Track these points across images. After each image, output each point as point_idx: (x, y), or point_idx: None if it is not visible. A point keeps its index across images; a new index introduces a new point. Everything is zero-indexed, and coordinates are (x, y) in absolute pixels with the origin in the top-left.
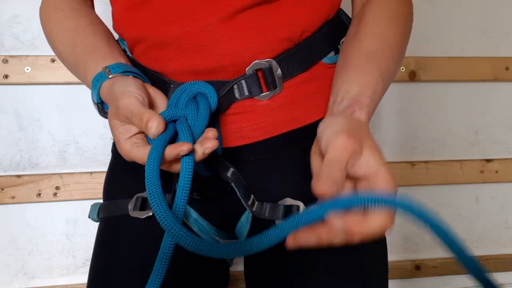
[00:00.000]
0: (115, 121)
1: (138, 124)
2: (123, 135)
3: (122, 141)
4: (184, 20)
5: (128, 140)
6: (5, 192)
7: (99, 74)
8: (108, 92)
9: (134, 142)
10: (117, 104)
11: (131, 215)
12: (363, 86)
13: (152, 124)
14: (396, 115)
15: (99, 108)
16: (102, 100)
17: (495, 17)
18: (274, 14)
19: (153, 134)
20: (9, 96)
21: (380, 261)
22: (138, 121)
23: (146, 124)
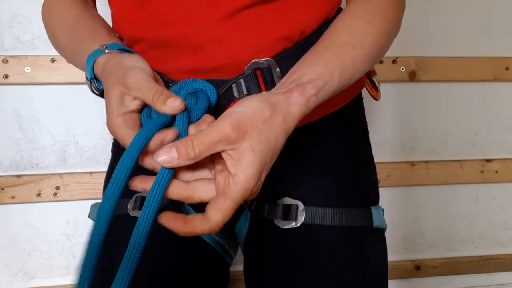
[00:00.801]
0: (115, 91)
1: (151, 96)
2: (118, 109)
3: (115, 114)
4: (183, 20)
5: (121, 116)
6: (5, 192)
7: (95, 50)
8: (104, 66)
9: (125, 120)
10: (128, 74)
11: (130, 215)
12: (317, 75)
13: (176, 100)
14: (396, 115)
15: (91, 84)
16: (95, 76)
17: (495, 17)
18: (273, 13)
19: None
20: (9, 96)
21: (380, 261)
22: (153, 93)
23: (166, 98)
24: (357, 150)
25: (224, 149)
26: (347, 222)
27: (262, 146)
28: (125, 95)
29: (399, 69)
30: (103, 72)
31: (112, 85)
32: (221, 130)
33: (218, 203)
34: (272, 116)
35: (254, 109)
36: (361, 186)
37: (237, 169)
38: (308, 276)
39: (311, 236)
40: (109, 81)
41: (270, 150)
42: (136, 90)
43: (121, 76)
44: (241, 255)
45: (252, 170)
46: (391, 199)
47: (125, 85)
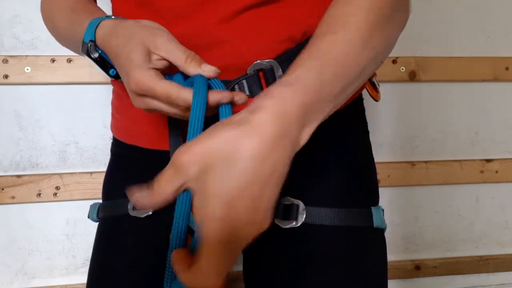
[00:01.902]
0: (142, 47)
1: (184, 59)
2: (146, 63)
3: (145, 67)
4: (185, 21)
5: (152, 70)
6: (5, 192)
7: (99, 16)
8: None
9: (158, 74)
10: (158, 34)
11: (130, 215)
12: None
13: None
14: (396, 115)
15: (89, 47)
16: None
17: (495, 17)
18: (275, 14)
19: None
20: (9, 96)
21: (380, 261)
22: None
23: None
24: (357, 150)
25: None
26: (347, 222)
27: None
28: (152, 54)
29: (399, 69)
30: (113, 33)
31: (138, 43)
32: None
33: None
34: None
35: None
36: (361, 186)
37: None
38: (308, 276)
39: (311, 236)
40: (131, 40)
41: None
42: (166, 51)
43: (150, 34)
44: (241, 255)
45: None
46: (391, 199)
47: (154, 44)
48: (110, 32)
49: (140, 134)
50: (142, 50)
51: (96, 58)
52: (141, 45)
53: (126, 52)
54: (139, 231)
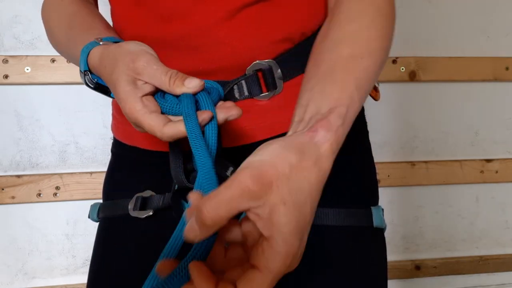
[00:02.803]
0: (125, 76)
1: (166, 80)
2: (133, 93)
3: (133, 99)
4: (183, 20)
5: (140, 101)
6: (5, 192)
7: (89, 42)
8: (102, 55)
9: (145, 104)
10: (138, 59)
11: (131, 215)
12: (335, 102)
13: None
14: (396, 115)
15: (85, 77)
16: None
17: (495, 17)
18: (274, 14)
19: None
20: (9, 96)
21: (379, 261)
22: (168, 77)
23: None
24: (357, 150)
25: (249, 207)
26: (347, 222)
27: (294, 196)
28: (137, 80)
29: (399, 69)
30: (101, 61)
31: (121, 71)
32: (240, 183)
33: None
34: (301, 160)
35: (276, 156)
36: (361, 186)
37: (271, 230)
38: (308, 276)
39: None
40: (115, 69)
41: (306, 201)
42: (148, 76)
43: (130, 60)
44: None
45: (289, 228)
46: (391, 199)
47: (135, 71)
48: (99, 61)
49: (140, 135)
50: (126, 80)
51: (93, 87)
52: (124, 74)
53: (113, 82)
54: (139, 232)
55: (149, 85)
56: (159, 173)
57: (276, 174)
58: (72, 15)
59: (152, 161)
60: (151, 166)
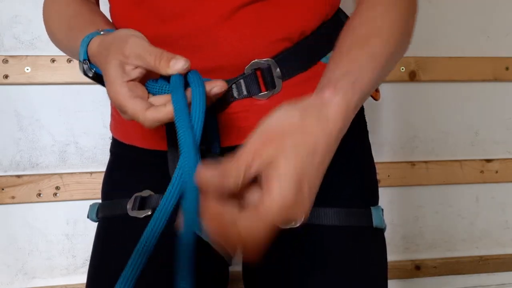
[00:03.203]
0: (114, 60)
1: (152, 61)
2: (120, 77)
3: (119, 83)
4: (182, 19)
5: (125, 84)
6: (5, 192)
7: (90, 33)
8: (100, 44)
9: (131, 88)
10: (125, 42)
11: (130, 215)
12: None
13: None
14: (396, 115)
15: (84, 65)
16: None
17: (495, 17)
18: (273, 14)
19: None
20: (9, 96)
21: (379, 261)
22: (155, 58)
23: (168, 61)
24: (357, 150)
25: (261, 168)
26: (346, 222)
27: (296, 149)
28: (125, 65)
29: (399, 69)
30: (98, 50)
31: (111, 56)
32: (251, 147)
33: (246, 218)
34: (303, 118)
35: (280, 116)
36: (361, 186)
37: (270, 181)
38: (308, 276)
39: (310, 236)
40: (108, 56)
41: (309, 154)
42: (135, 58)
43: (119, 46)
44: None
45: (286, 178)
46: (391, 199)
47: (123, 54)
48: (97, 50)
49: (138, 135)
50: (115, 64)
51: (91, 76)
52: (114, 59)
53: (105, 68)
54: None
55: (138, 70)
56: (158, 172)
57: (281, 132)
58: (73, 13)
59: (150, 160)
60: (150, 165)
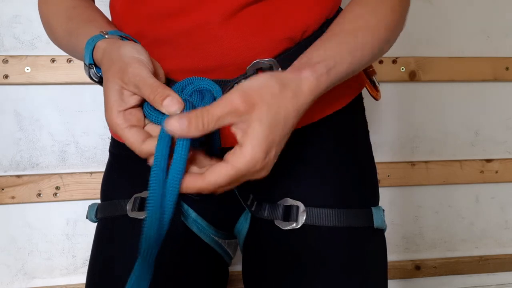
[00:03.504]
0: (113, 84)
1: (148, 95)
2: (117, 105)
3: (115, 112)
4: (183, 18)
5: (121, 114)
6: (5, 192)
7: (94, 35)
8: (104, 52)
9: (127, 118)
10: (125, 68)
11: (129, 216)
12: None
13: (172, 103)
14: (396, 115)
15: (90, 70)
16: (94, 62)
17: (495, 17)
18: (275, 13)
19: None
20: (9, 96)
21: (380, 262)
22: (150, 93)
23: (162, 100)
24: (357, 150)
25: (233, 122)
26: (347, 223)
27: (270, 118)
28: (124, 90)
29: (399, 69)
30: (103, 58)
31: (111, 77)
32: (230, 102)
33: (217, 166)
34: (282, 91)
35: (262, 83)
36: (361, 187)
37: (244, 139)
38: (308, 277)
39: (311, 237)
40: (109, 72)
41: (279, 125)
42: (133, 87)
43: (119, 69)
44: (241, 255)
45: (258, 141)
46: (391, 199)
47: (123, 81)
48: (101, 57)
49: None
50: (115, 89)
51: (97, 81)
52: (114, 83)
53: (104, 85)
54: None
55: (135, 97)
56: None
57: (260, 99)
58: (71, 7)
59: None
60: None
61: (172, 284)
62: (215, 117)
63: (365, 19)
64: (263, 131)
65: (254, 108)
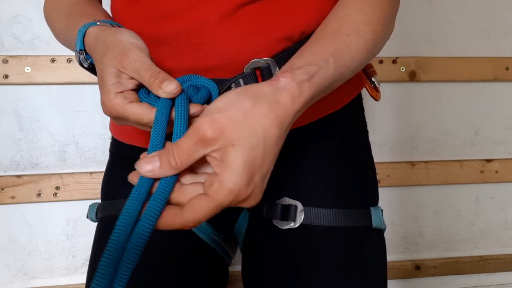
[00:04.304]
0: (112, 68)
1: (147, 79)
2: (115, 87)
3: (113, 94)
4: (182, 17)
5: (120, 95)
6: (5, 192)
7: (87, 23)
8: (97, 37)
9: (126, 97)
10: (125, 53)
11: None
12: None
13: (171, 83)
14: (396, 115)
15: (80, 56)
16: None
17: (495, 17)
18: (274, 13)
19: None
20: (9, 96)
21: (379, 262)
22: (149, 76)
23: (161, 82)
24: (356, 150)
25: (206, 153)
26: (346, 223)
27: (245, 140)
28: (122, 74)
29: (399, 69)
30: (95, 43)
31: (108, 62)
32: (196, 130)
33: (196, 200)
34: (254, 106)
35: (229, 102)
36: (360, 187)
37: (221, 168)
38: (306, 277)
39: (310, 237)
40: (104, 57)
41: (258, 144)
42: (133, 71)
43: (119, 53)
44: (240, 255)
45: (236, 168)
46: (391, 199)
47: (122, 65)
48: (93, 42)
49: (137, 134)
50: (112, 72)
51: (86, 67)
52: (111, 66)
53: (100, 69)
54: None
55: (133, 81)
56: None
57: (229, 120)
58: (72, 4)
59: None
60: None
61: (172, 284)
62: (185, 152)
63: (351, 20)
64: (240, 156)
65: (223, 133)
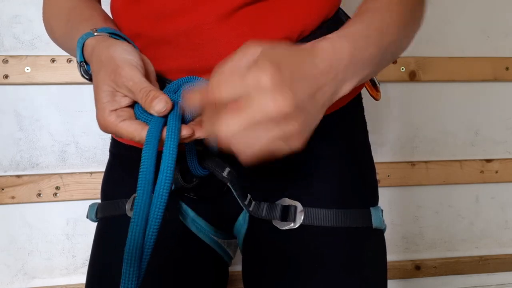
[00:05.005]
0: (106, 86)
1: (140, 98)
2: (109, 105)
3: (107, 112)
4: (181, 18)
5: (114, 113)
6: (5, 192)
7: (85, 33)
8: (93, 50)
9: (119, 115)
10: (118, 71)
11: (128, 215)
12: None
13: (160, 102)
14: (396, 115)
15: (81, 68)
16: (85, 60)
17: (495, 17)
18: (273, 13)
19: (158, 112)
20: (9, 96)
21: (379, 262)
22: (141, 95)
23: (151, 101)
24: (356, 150)
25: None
26: (346, 223)
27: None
28: (116, 92)
29: (399, 69)
30: (92, 56)
31: (102, 79)
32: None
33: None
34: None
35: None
36: (360, 187)
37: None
38: (306, 277)
39: (309, 237)
40: (99, 73)
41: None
42: (127, 91)
43: (112, 71)
44: (241, 255)
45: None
46: (391, 199)
47: (116, 83)
48: (90, 55)
49: None
50: (106, 90)
51: (88, 78)
52: (105, 84)
53: (95, 86)
54: None
55: (127, 98)
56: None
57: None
58: (71, 8)
59: None
60: None
61: (172, 284)
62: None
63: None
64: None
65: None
